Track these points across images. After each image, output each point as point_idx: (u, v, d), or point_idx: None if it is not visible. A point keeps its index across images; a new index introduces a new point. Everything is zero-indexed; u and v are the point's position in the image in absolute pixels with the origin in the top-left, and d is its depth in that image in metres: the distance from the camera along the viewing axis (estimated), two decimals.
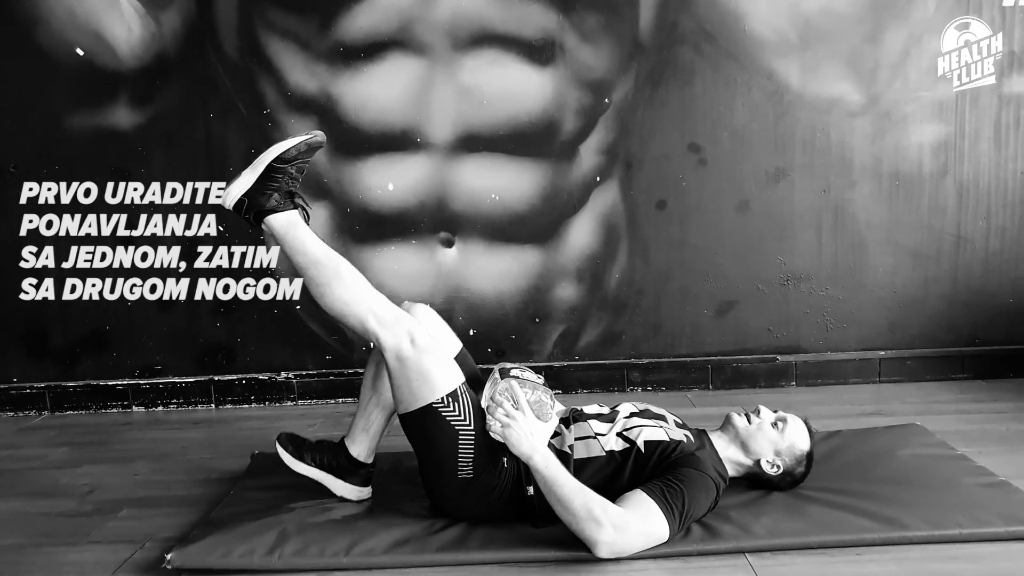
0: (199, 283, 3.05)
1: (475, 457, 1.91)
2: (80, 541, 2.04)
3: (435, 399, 1.90)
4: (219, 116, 2.97)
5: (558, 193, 3.02)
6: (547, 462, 1.85)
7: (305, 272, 1.96)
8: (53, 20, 2.91)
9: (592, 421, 2.01)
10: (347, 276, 1.94)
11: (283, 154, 1.91)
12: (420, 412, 1.91)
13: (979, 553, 1.80)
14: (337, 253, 1.98)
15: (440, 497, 1.98)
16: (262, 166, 1.92)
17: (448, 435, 1.90)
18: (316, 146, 1.96)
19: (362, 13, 2.91)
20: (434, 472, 1.95)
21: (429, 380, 1.89)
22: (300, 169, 1.96)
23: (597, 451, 1.95)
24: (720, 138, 3.01)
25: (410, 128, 2.97)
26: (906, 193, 3.04)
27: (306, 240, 1.95)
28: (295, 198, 1.97)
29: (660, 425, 2.00)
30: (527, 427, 1.88)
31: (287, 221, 1.95)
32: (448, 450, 1.90)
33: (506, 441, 1.88)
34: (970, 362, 3.11)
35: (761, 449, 2.02)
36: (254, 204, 1.93)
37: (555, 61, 2.94)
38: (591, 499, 1.80)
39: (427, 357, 1.90)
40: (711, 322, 3.11)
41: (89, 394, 3.11)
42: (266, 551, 1.85)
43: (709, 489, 1.89)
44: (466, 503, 1.95)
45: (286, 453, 2.11)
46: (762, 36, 2.95)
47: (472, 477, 1.92)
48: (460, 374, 1.96)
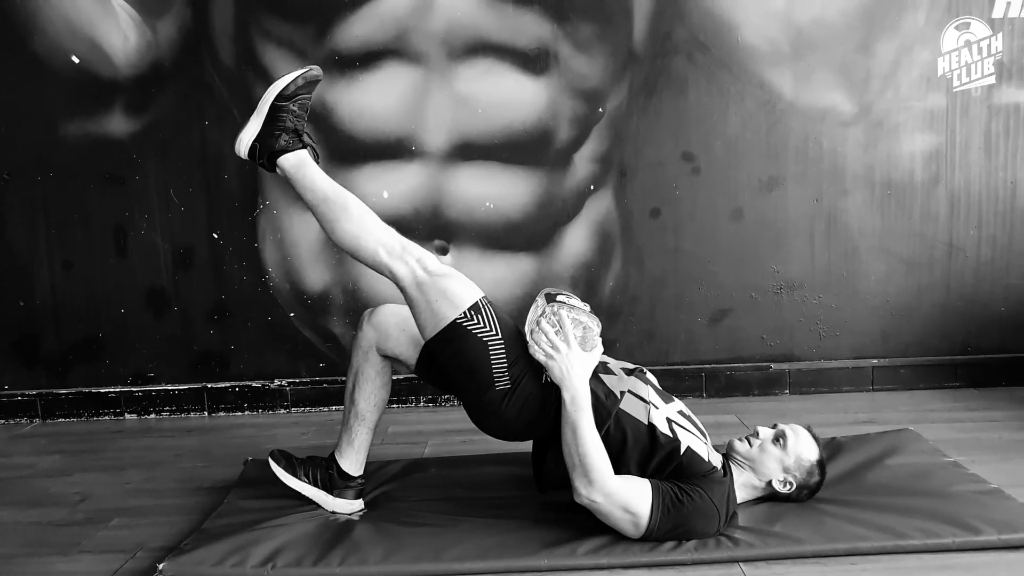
0: (193, 290, 3.05)
1: (509, 366, 1.91)
2: (71, 551, 2.02)
3: (458, 314, 1.90)
4: (215, 124, 2.97)
5: (552, 201, 3.02)
6: (578, 402, 1.85)
7: (316, 209, 2.00)
8: (49, 28, 2.91)
9: (652, 390, 2.02)
10: (355, 210, 1.97)
11: (283, 91, 1.97)
12: (445, 332, 1.91)
13: (973, 562, 1.81)
14: (344, 189, 2.02)
15: (487, 418, 1.97)
16: (266, 107, 1.98)
17: (478, 348, 1.90)
18: (313, 80, 2.01)
19: (358, 22, 2.92)
20: (474, 393, 1.94)
21: (449, 297, 1.91)
22: (303, 106, 2.01)
23: (642, 416, 1.94)
24: (713, 147, 3.02)
25: (405, 136, 2.97)
26: (898, 202, 3.05)
27: (315, 177, 2.00)
28: (302, 137, 2.02)
29: (704, 442, 2.00)
30: (571, 360, 1.88)
31: (297, 160, 2.00)
32: (481, 364, 1.90)
33: (547, 370, 1.89)
34: (963, 370, 3.12)
35: (769, 470, 2.02)
36: (265, 147, 1.99)
37: (549, 70, 2.95)
38: (597, 458, 1.83)
39: (442, 279, 1.92)
40: (705, 330, 3.11)
41: (81, 401, 3.10)
42: (259, 561, 1.85)
43: (712, 522, 1.89)
44: (515, 417, 1.93)
45: (279, 468, 2.12)
46: (755, 46, 2.96)
47: (511, 387, 1.91)
48: (478, 289, 1.97)
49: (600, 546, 1.87)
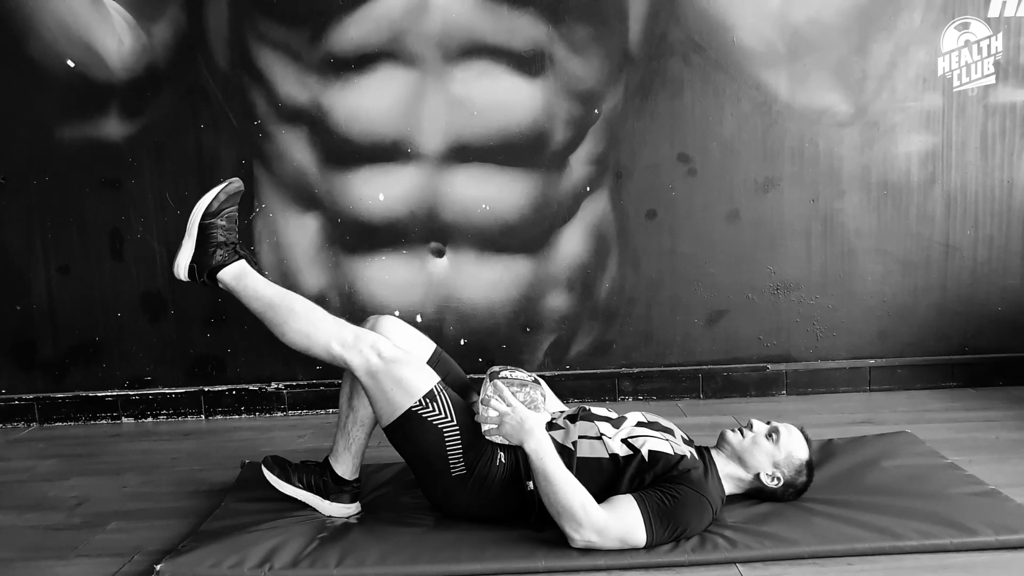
0: (189, 294, 3.05)
1: (464, 452, 1.93)
2: (68, 554, 2.02)
3: (413, 403, 1.91)
4: (210, 127, 2.97)
5: (548, 203, 3.02)
6: (540, 449, 1.87)
7: (263, 317, 2.03)
8: (44, 32, 2.91)
9: (600, 422, 2.03)
10: (300, 310, 2.00)
11: (207, 209, 2.01)
12: (401, 419, 1.92)
13: (970, 562, 1.81)
14: (287, 290, 2.05)
15: (441, 499, 2.00)
16: (195, 228, 2.02)
17: (434, 435, 1.92)
18: (235, 192, 2.05)
19: (353, 25, 2.92)
20: (429, 476, 1.97)
21: (404, 386, 1.92)
22: (231, 218, 2.05)
23: (600, 452, 1.96)
24: (709, 148, 3.02)
25: (401, 139, 2.97)
26: (894, 202, 3.06)
27: (257, 286, 2.03)
28: (237, 248, 2.05)
29: (666, 438, 2.00)
30: (520, 415, 1.90)
31: (236, 272, 2.04)
32: (437, 450, 1.92)
33: (503, 438, 1.91)
34: (960, 370, 3.12)
35: (759, 463, 2.02)
36: (203, 266, 2.03)
37: (545, 72, 2.95)
38: (577, 498, 1.83)
39: (396, 366, 1.93)
40: (701, 331, 3.11)
41: (78, 405, 3.10)
42: (256, 563, 1.85)
43: (704, 510, 1.89)
44: (467, 500, 1.96)
45: (272, 475, 2.12)
46: (751, 47, 2.97)
47: (466, 473, 1.93)
48: (434, 375, 1.98)
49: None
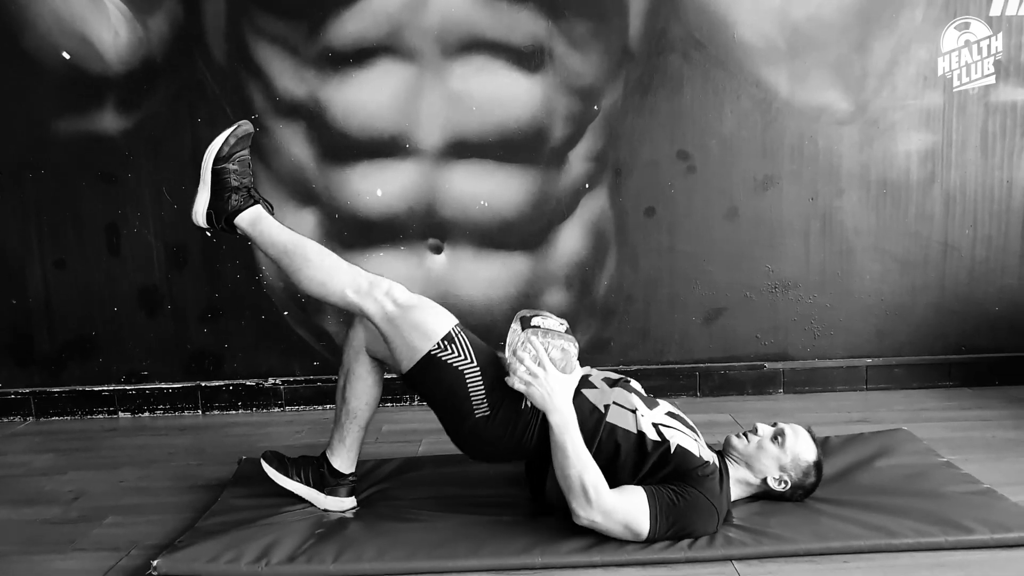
0: (186, 288, 3.04)
1: (487, 393, 1.92)
2: (65, 549, 2.02)
3: (431, 346, 1.91)
4: (207, 121, 2.96)
5: (547, 200, 3.02)
6: (564, 424, 1.85)
7: (278, 263, 2.02)
8: (39, 24, 2.90)
9: (635, 396, 2.02)
10: (315, 257, 1.99)
11: (218, 154, 2.00)
12: (421, 364, 1.92)
13: (965, 561, 1.81)
14: (302, 236, 2.04)
15: (470, 445, 1.98)
16: (208, 173, 2.02)
17: (454, 378, 1.91)
18: (244, 135, 2.04)
19: (351, 19, 2.91)
20: (455, 421, 1.96)
21: (421, 329, 1.92)
22: (243, 162, 2.03)
23: (630, 426, 1.94)
24: (709, 145, 3.02)
25: (399, 134, 2.96)
26: (893, 201, 3.05)
27: (272, 231, 2.02)
28: (252, 193, 2.04)
29: (695, 438, 1.99)
30: (548, 385, 1.87)
31: (252, 217, 2.02)
32: (459, 393, 1.92)
33: (529, 398, 1.89)
34: (957, 370, 3.12)
35: (765, 467, 2.02)
36: (220, 211, 2.02)
37: (544, 68, 2.94)
38: (590, 476, 1.83)
39: (413, 311, 1.94)
40: (699, 329, 3.11)
41: (75, 400, 3.09)
42: (253, 559, 1.85)
43: (711, 519, 1.89)
44: (496, 441, 1.94)
45: (271, 469, 2.12)
46: (751, 44, 2.96)
47: (490, 414, 1.92)
48: (451, 316, 1.98)
49: (593, 544, 1.87)
